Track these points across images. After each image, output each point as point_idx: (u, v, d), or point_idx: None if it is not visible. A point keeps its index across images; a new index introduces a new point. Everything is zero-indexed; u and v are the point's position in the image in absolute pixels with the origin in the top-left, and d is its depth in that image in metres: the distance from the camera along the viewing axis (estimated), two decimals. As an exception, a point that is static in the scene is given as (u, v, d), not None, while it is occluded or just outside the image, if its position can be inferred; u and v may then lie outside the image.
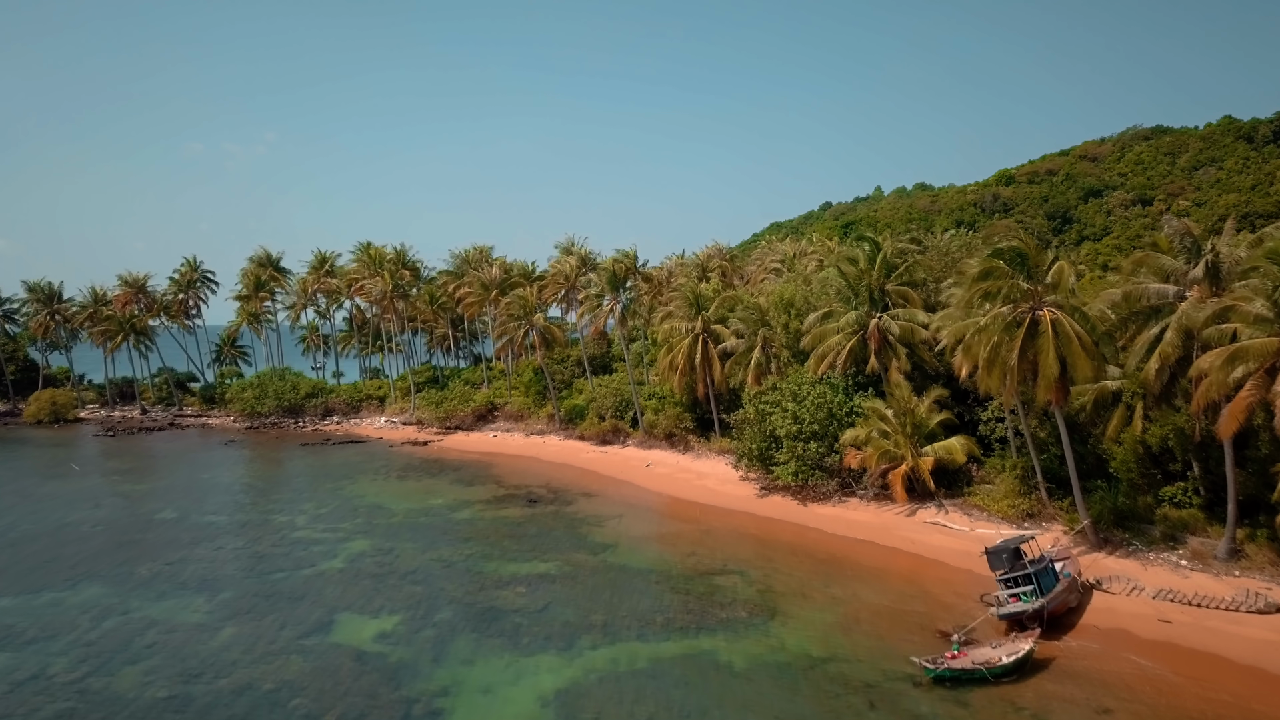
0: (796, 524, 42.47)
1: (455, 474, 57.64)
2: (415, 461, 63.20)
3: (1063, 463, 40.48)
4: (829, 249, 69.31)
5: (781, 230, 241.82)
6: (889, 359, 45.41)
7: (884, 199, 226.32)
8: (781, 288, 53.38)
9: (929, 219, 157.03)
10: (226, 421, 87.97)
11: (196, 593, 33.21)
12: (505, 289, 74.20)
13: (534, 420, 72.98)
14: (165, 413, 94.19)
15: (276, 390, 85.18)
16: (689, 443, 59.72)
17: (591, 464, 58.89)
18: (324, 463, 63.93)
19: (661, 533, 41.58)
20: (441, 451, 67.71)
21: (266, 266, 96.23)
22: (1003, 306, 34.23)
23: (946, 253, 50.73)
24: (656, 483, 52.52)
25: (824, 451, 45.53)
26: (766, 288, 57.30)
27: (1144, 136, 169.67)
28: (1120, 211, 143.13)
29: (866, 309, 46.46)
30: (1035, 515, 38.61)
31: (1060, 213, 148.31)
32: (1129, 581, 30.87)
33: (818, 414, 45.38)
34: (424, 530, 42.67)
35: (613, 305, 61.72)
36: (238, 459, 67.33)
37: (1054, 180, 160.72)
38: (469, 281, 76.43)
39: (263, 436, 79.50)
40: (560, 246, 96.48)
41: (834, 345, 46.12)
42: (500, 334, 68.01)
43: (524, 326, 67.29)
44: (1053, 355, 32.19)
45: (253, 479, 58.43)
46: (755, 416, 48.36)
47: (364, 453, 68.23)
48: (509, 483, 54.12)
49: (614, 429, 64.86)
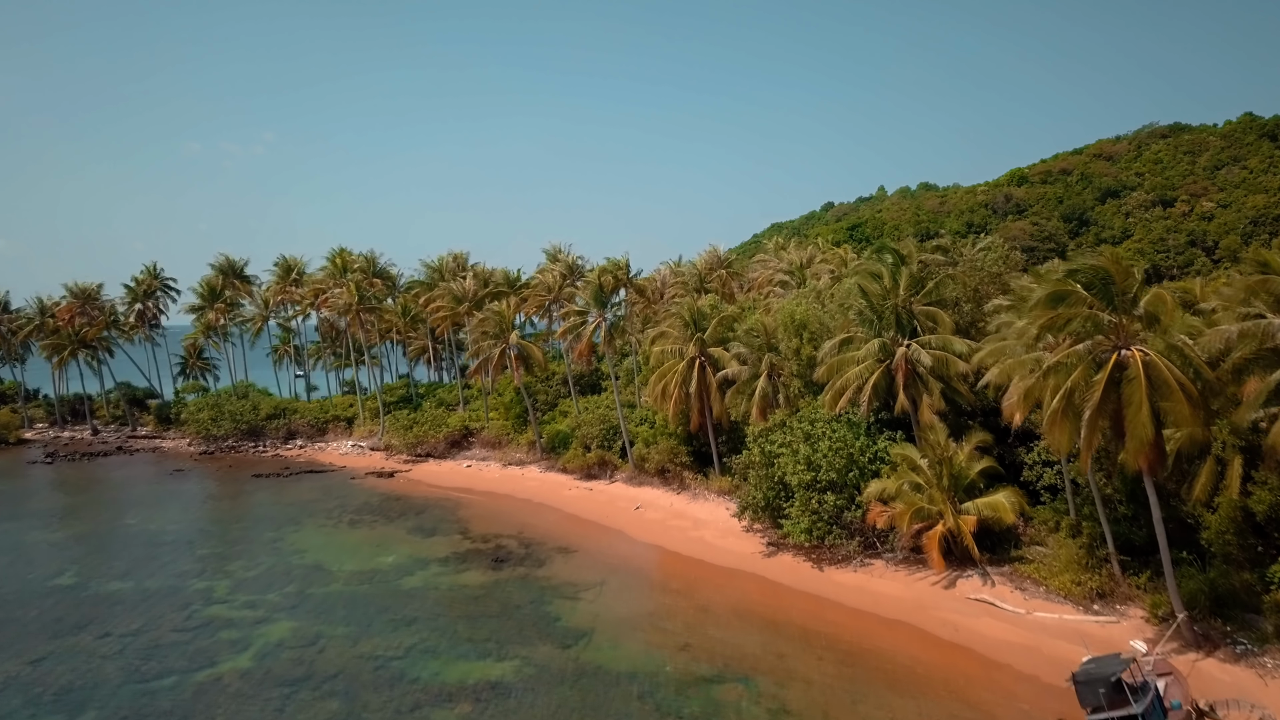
0: (811, 594, 35.34)
1: (417, 518, 50.42)
2: (375, 499, 55.96)
3: (1136, 525, 33.52)
4: (841, 258, 62.08)
5: (783, 231, 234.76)
6: (919, 394, 38.23)
7: (887, 199, 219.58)
8: (791, 306, 46.18)
9: (938, 220, 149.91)
10: (181, 444, 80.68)
11: (50, 713, 25.98)
12: (480, 302, 66.93)
13: (513, 448, 65.76)
14: (118, 434, 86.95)
15: (234, 411, 77.91)
16: (684, 480, 52.51)
17: (574, 505, 51.68)
18: (274, 500, 56.71)
19: (650, 610, 34.34)
20: (408, 485, 60.47)
21: (228, 275, 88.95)
22: (1078, 344, 27.12)
23: (981, 266, 43.46)
24: (647, 532, 45.33)
25: (843, 504, 38.40)
26: (773, 305, 50.09)
27: (1161, 135, 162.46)
28: (1140, 213, 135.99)
29: (893, 334, 39.28)
30: (1107, 595, 31.43)
31: (1077, 214, 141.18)
32: (1255, 709, 23.69)
33: (835, 460, 38.24)
34: (363, 605, 35.43)
35: (598, 322, 54.50)
36: (178, 496, 60.01)
37: (1068, 180, 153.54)
38: (439, 294, 69.04)
39: (216, 464, 72.21)
40: (547, 252, 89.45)
41: (854, 378, 38.92)
42: (474, 354, 60.72)
43: (499, 345, 60.06)
44: (1145, 410, 25.04)
45: (185, 524, 51.15)
46: (761, 460, 41.22)
47: (322, 486, 60.98)
48: (476, 531, 46.91)
49: (600, 461, 57.63)
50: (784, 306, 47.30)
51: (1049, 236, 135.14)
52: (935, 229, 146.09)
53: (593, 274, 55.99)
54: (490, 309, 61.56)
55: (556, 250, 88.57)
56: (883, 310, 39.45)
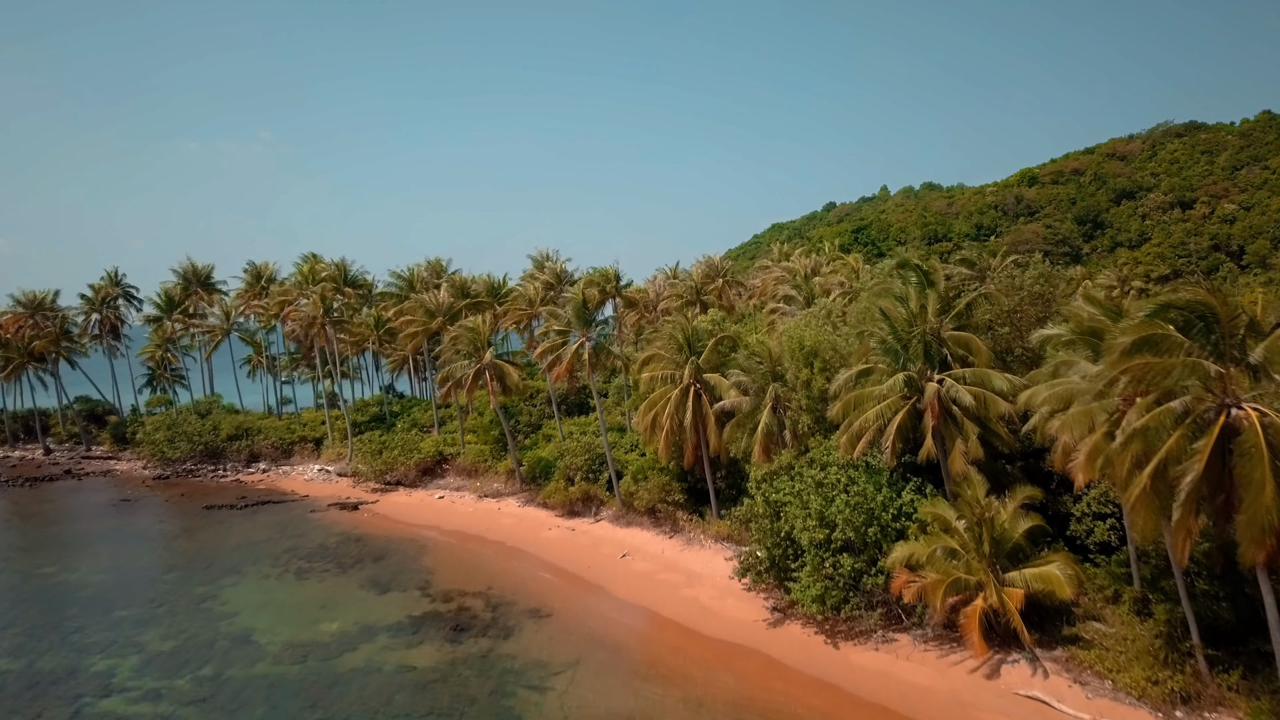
0: (825, 682, 29.53)
1: (374, 566, 44.54)
2: (333, 539, 50.08)
3: (1222, 602, 27.74)
4: (851, 268, 56.23)
5: (783, 231, 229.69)
6: (952, 439, 32.40)
7: (890, 199, 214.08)
8: (799, 328, 40.30)
9: (946, 223, 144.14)
10: (135, 467, 74.76)
11: None
12: (455, 316, 60.99)
13: (490, 476, 59.89)
14: (72, 454, 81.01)
15: (191, 432, 71.96)
16: (677, 521, 46.68)
17: (552, 550, 45.82)
18: (220, 541, 50.81)
19: (630, 709, 28.43)
20: (372, 521, 54.58)
21: (192, 282, 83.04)
22: (1170, 400, 21.29)
23: (1020, 286, 37.54)
24: (633, 589, 39.47)
25: (862, 567, 32.60)
26: (778, 325, 44.17)
27: (1176, 134, 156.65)
28: (1157, 215, 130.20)
29: (920, 365, 33.41)
30: (1192, 699, 25.60)
31: (1091, 216, 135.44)
32: None
33: (854, 516, 32.41)
34: (288, 697, 29.54)
35: (581, 342, 48.60)
36: (115, 535, 54.05)
37: (1080, 181, 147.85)
38: (410, 308, 62.95)
39: (170, 491, 66.27)
40: (534, 259, 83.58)
41: (875, 418, 33.02)
42: (444, 377, 54.77)
43: (473, 364, 54.16)
44: (1270, 490, 19.26)
45: (111, 574, 45.23)
46: (765, 511, 35.39)
47: (278, 521, 55.07)
48: (438, 587, 41.03)
49: (584, 497, 51.78)
50: (791, 328, 41.41)
51: (1063, 239, 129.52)
52: (943, 231, 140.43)
53: (575, 289, 50.10)
54: (464, 325, 55.63)
55: (544, 256, 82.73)
56: (909, 338, 33.57)
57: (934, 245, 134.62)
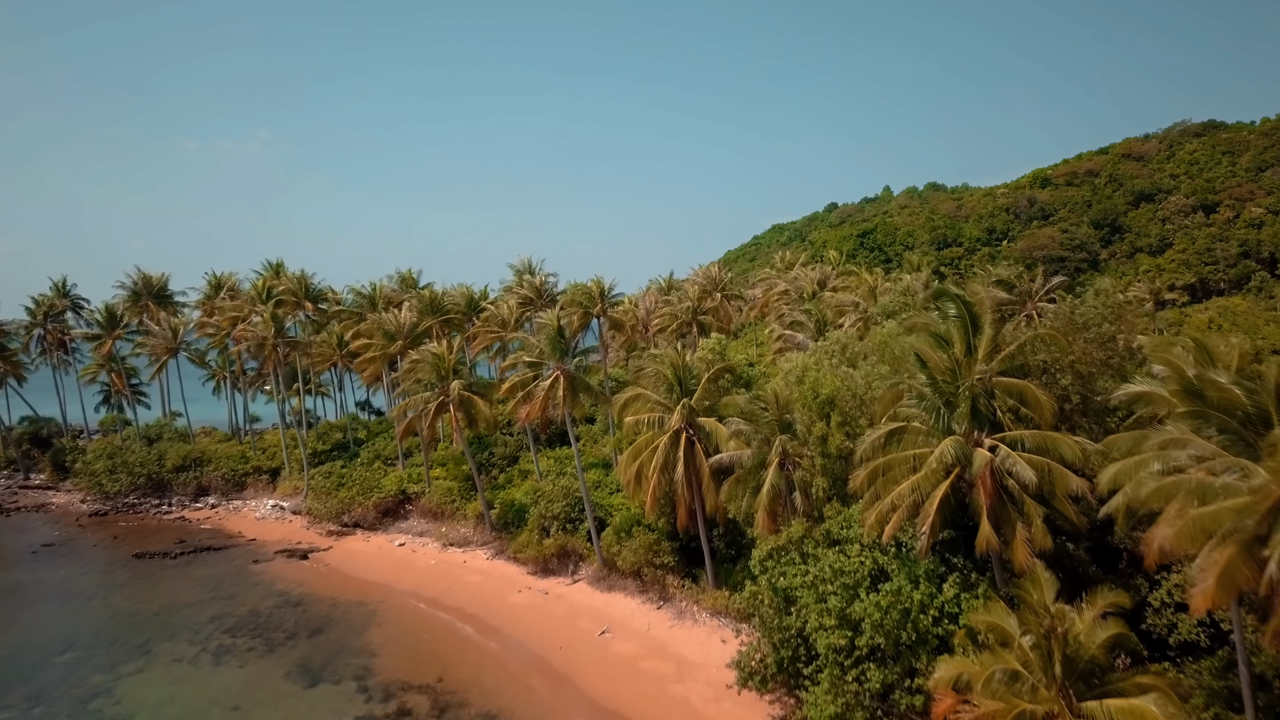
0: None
1: (308, 645, 37.75)
2: (270, 603, 43.30)
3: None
4: (868, 286, 49.35)
5: (784, 232, 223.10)
6: (1010, 523, 25.65)
7: (894, 199, 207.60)
8: (812, 371, 33.51)
9: (955, 226, 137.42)
10: (74, 500, 67.90)
11: None
12: (416, 339, 54.14)
13: (458, 520, 53.09)
14: (9, 483, 74.10)
15: (134, 463, 65.19)
16: (667, 588, 40.00)
17: (520, 623, 39.09)
18: (138, 604, 43.96)
19: None
20: (319, 576, 47.82)
21: (143, 295, 76.12)
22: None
23: (1085, 324, 30.69)
24: (611, 682, 32.76)
25: (893, 681, 25.94)
26: (785, 361, 37.32)
27: (1194, 133, 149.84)
28: (1179, 219, 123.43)
29: (967, 426, 26.69)
30: None
31: (1108, 220, 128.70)
32: None
33: (885, 618, 25.72)
34: None
35: (555, 376, 41.81)
36: (19, 592, 47.13)
37: (1095, 182, 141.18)
38: (367, 329, 55.89)
39: (104, 531, 59.43)
40: (515, 269, 76.83)
41: (910, 492, 26.32)
42: (402, 410, 47.92)
43: (436, 396, 47.38)
44: None
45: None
46: (772, 600, 28.71)
47: (212, 576, 48.28)
48: (380, 675, 34.27)
49: (561, 551, 45.09)
50: (800, 366, 34.61)
51: (1079, 245, 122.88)
52: (953, 236, 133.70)
53: (550, 314, 43.24)
54: (426, 350, 48.80)
55: (527, 266, 75.97)
56: (953, 391, 26.83)
57: (944, 250, 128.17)
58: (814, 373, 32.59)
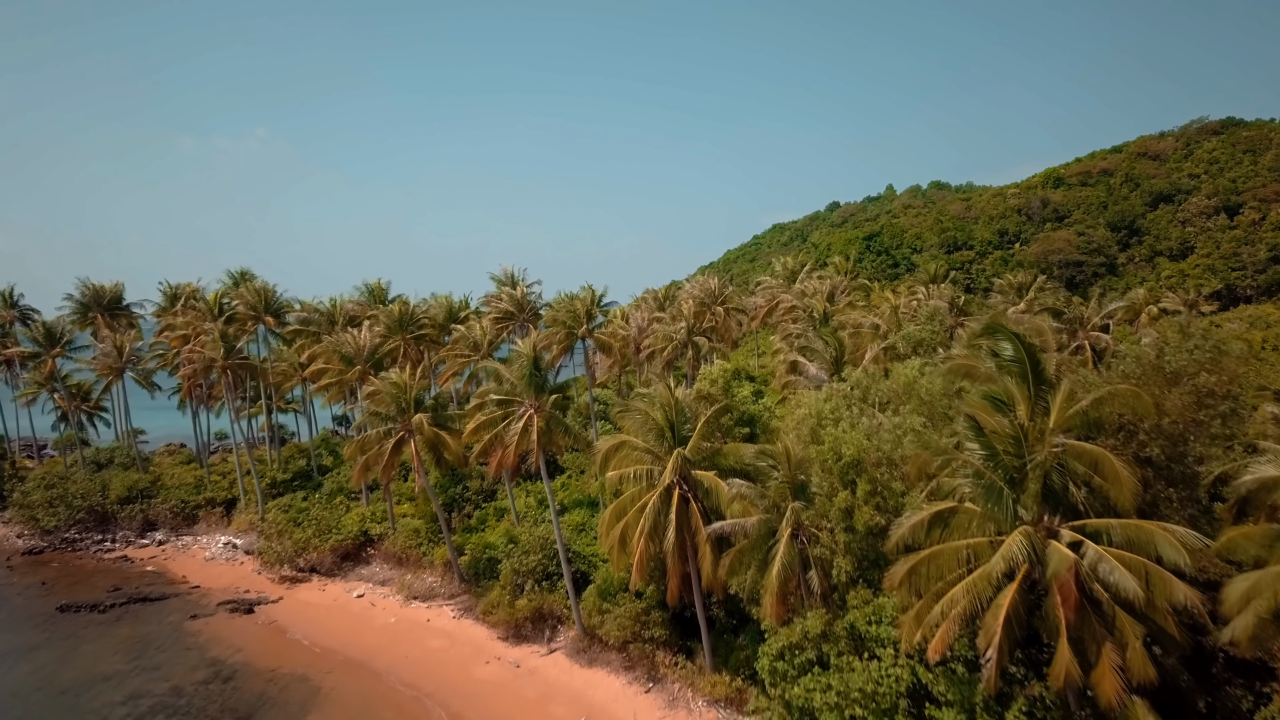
0: None
1: (232, 740, 31.88)
2: (197, 677, 37.37)
3: None
4: (890, 306, 43.07)
5: (785, 232, 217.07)
6: (1097, 643, 19.77)
7: (897, 198, 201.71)
8: (831, 426, 27.56)
9: (965, 228, 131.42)
10: (9, 535, 61.81)
11: None
12: (378, 364, 48.12)
13: (424, 567, 47.22)
14: (-56, 512, 67.94)
15: (74, 494, 59.17)
16: (657, 665, 34.15)
17: (485, 707, 33.23)
18: (47, 676, 38.03)
19: None
20: (262, 638, 41.91)
21: (91, 308, 70.04)
22: None
23: (1176, 374, 24.64)
24: (587, 801, 26.90)
25: (944, 841, 20.10)
26: (797, 408, 31.23)
27: (1213, 130, 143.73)
28: (1200, 221, 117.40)
29: (1036, 510, 20.81)
30: None
31: (1125, 222, 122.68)
32: None
33: (933, 764, 19.86)
34: None
35: (528, 415, 35.86)
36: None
37: (1110, 182, 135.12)
38: (323, 352, 49.69)
39: (35, 574, 53.39)
40: (497, 279, 70.91)
41: (964, 596, 20.45)
42: (358, 448, 41.93)
43: (398, 431, 41.44)
44: None
45: None
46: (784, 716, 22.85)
47: (139, 638, 42.33)
48: (308, 789, 28.41)
49: (537, 613, 39.23)
50: (814, 414, 28.65)
51: (1097, 248, 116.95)
52: (963, 239, 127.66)
53: (525, 342, 36.94)
54: (386, 378, 42.79)
55: (509, 276, 69.91)
56: (1017, 466, 20.93)
57: (954, 254, 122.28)
58: (833, 428, 26.63)
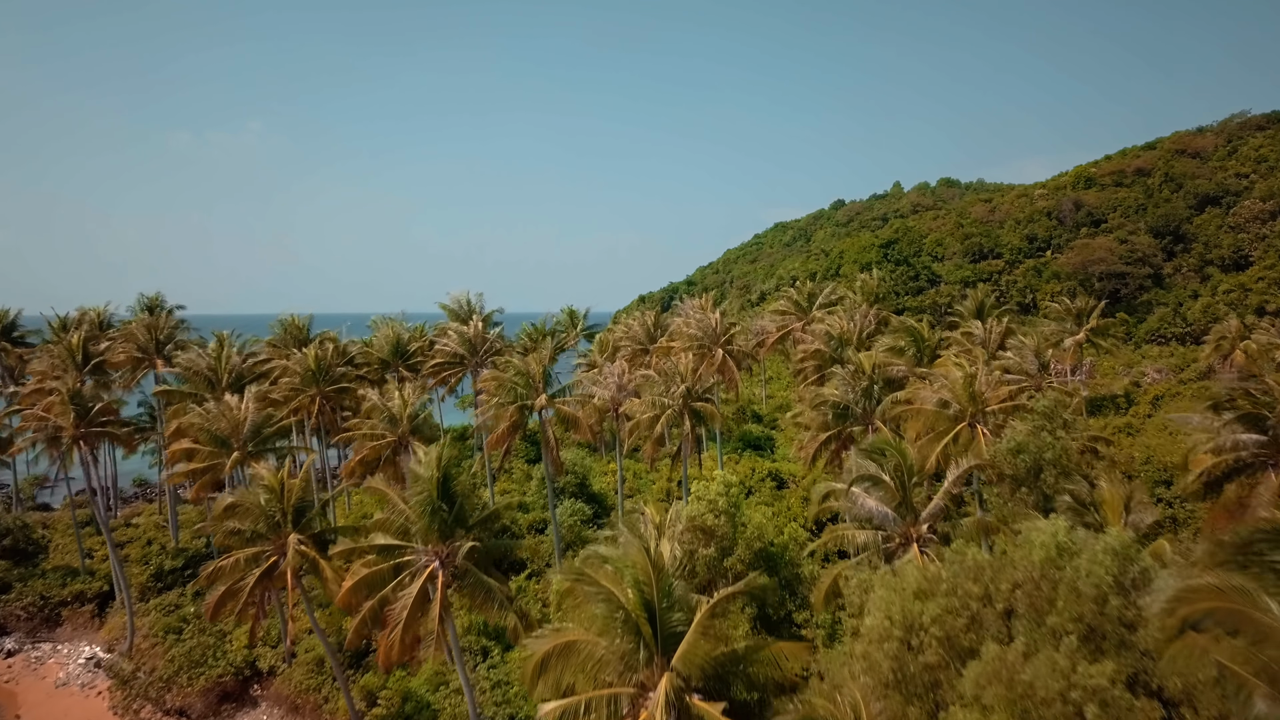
0: None
1: None
2: None
3: None
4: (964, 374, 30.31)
5: (788, 231, 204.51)
6: None
7: (905, 195, 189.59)
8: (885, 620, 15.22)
9: (990, 233, 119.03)
10: None
11: None
12: (265, 442, 35.48)
13: (325, 713, 34.94)
14: None
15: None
16: None
17: None
18: None
19: None
20: None
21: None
22: None
23: None
24: None
25: None
26: (868, 619, 18.72)
27: (1257, 125, 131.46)
28: (1255, 226, 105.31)
29: None
30: None
31: (1170, 227, 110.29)
32: None
33: None
34: None
35: (432, 569, 23.56)
36: None
37: (1148, 182, 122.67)
38: (191, 427, 36.65)
39: None
40: (448, 309, 58.51)
41: None
42: (211, 574, 29.51)
43: (267, 559, 29.00)
44: None
45: None
46: None
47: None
48: None
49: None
50: (892, 652, 16.40)
51: (1141, 258, 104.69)
52: (989, 245, 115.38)
53: (430, 453, 23.96)
54: (258, 480, 30.20)
55: (464, 305, 57.39)
56: None
57: (980, 263, 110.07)
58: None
